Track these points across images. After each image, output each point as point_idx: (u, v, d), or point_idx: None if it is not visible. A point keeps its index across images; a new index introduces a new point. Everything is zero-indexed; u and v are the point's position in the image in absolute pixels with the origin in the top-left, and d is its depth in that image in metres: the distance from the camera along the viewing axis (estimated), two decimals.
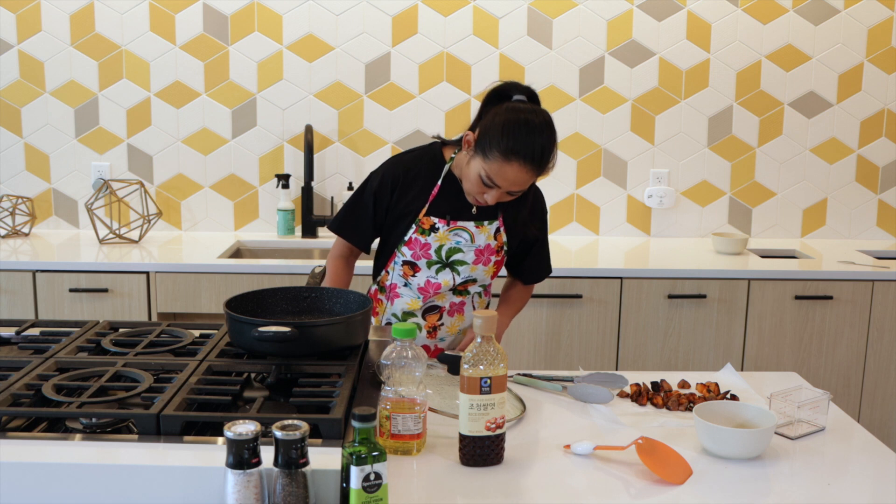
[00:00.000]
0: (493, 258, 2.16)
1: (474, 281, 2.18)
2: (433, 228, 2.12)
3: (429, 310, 2.18)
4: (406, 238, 2.13)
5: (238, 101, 3.62)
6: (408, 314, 2.19)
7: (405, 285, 2.18)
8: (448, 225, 2.11)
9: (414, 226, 2.12)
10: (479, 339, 1.55)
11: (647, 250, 3.54)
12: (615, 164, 3.70)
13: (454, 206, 2.11)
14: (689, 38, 3.62)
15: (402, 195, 2.13)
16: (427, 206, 2.11)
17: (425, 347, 2.22)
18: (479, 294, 2.23)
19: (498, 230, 2.14)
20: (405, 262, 2.16)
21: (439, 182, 2.12)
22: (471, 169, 1.99)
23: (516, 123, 1.91)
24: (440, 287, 2.15)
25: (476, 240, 2.12)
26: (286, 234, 3.63)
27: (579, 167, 3.69)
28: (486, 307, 2.29)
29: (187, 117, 3.62)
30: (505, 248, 2.18)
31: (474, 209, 2.12)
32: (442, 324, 2.19)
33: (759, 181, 3.74)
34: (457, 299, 2.19)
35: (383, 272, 2.22)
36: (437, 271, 2.14)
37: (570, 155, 3.68)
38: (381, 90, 3.62)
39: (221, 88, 3.61)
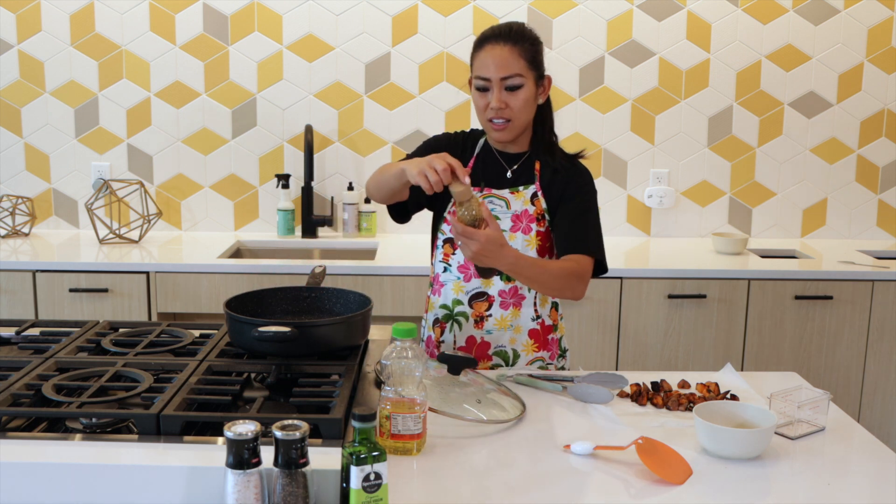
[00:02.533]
0: (534, 226, 2.07)
1: None
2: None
3: (475, 296, 2.10)
4: (446, 213, 2.12)
5: (238, 101, 3.62)
6: (456, 302, 2.11)
7: (446, 270, 2.13)
8: (482, 192, 2.09)
9: (453, 199, 2.10)
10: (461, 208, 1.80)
11: (647, 250, 3.54)
12: (615, 164, 3.70)
13: (490, 174, 2.11)
14: (689, 38, 3.62)
15: None
16: None
17: (471, 339, 2.11)
18: None
19: (535, 195, 2.08)
20: (446, 241, 2.12)
21: (475, 152, 2.14)
22: (473, 94, 2.06)
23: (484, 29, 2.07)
24: None
25: (512, 206, 2.08)
26: (286, 234, 3.63)
27: None
28: (555, 309, 2.17)
29: (187, 117, 3.63)
30: (546, 216, 2.08)
31: (509, 173, 2.10)
32: (490, 315, 2.09)
33: (759, 181, 3.74)
34: (506, 286, 2.08)
35: (430, 268, 2.20)
36: None
37: None
38: (381, 90, 3.62)
39: (221, 88, 3.61)
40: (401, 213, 2.20)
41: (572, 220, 2.06)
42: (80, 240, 3.54)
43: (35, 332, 2.00)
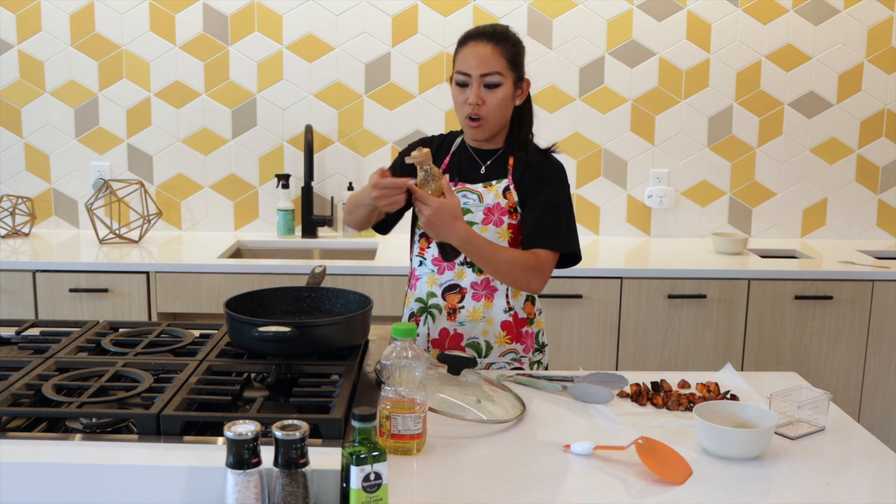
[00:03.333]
0: (506, 219, 2.10)
1: None
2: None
3: (448, 289, 2.13)
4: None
5: (238, 101, 3.62)
6: (430, 294, 2.14)
7: (421, 264, 2.17)
8: (456, 185, 2.13)
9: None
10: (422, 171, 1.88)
11: (647, 250, 3.54)
12: (615, 164, 3.70)
13: (465, 170, 2.15)
14: (689, 38, 3.62)
15: None
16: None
17: (444, 331, 2.14)
18: None
19: (507, 189, 2.11)
20: (421, 235, 2.16)
21: (452, 150, 2.19)
22: (453, 90, 2.10)
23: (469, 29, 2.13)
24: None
25: (484, 199, 2.11)
26: (286, 234, 3.63)
27: (579, 167, 3.69)
28: (531, 303, 2.19)
29: (187, 117, 3.63)
30: (518, 209, 2.12)
31: (483, 168, 2.13)
32: (462, 307, 2.12)
33: (759, 181, 3.74)
34: (478, 278, 2.11)
35: (409, 264, 2.24)
36: None
37: (570, 155, 3.68)
38: (381, 90, 3.62)
39: (221, 88, 3.61)
40: (381, 227, 2.29)
41: (539, 214, 2.10)
42: (80, 240, 3.54)
43: (35, 332, 2.00)
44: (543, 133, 3.65)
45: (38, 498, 1.34)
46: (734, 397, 1.88)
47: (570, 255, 2.13)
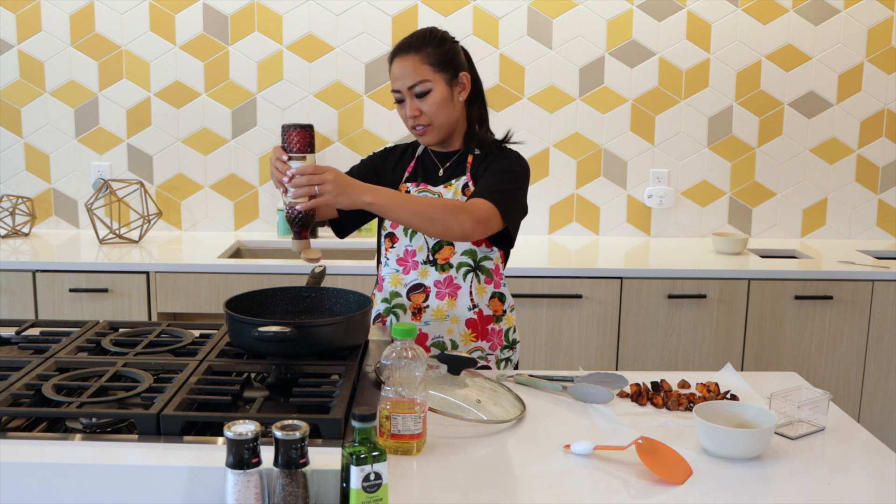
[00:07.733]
0: None
1: (451, 248, 2.12)
2: (406, 193, 2.13)
3: (413, 288, 2.14)
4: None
5: (238, 101, 3.62)
6: (395, 294, 2.16)
7: (386, 264, 2.18)
8: (418, 186, 2.16)
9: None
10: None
11: (647, 250, 3.54)
12: (615, 164, 3.70)
13: (427, 174, 2.19)
14: (689, 38, 3.62)
15: (384, 172, 2.22)
16: (405, 176, 2.20)
17: None
18: (473, 273, 2.13)
19: (466, 185, 2.13)
20: (387, 236, 2.18)
21: (416, 155, 2.22)
22: (396, 106, 2.15)
23: None
24: (416, 254, 2.13)
25: (444, 198, 2.11)
26: (286, 234, 3.63)
27: (579, 167, 3.69)
28: (499, 301, 2.19)
29: (187, 117, 3.63)
30: None
31: (441, 171, 2.17)
32: (427, 306, 2.13)
33: (759, 181, 3.74)
34: (441, 276, 2.12)
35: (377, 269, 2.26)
36: (412, 236, 2.14)
37: (570, 155, 3.68)
38: (382, 90, 3.62)
39: (221, 88, 3.61)
40: (337, 228, 2.27)
41: (485, 177, 2.08)
42: (80, 240, 3.54)
43: (35, 332, 2.00)
44: (543, 133, 3.67)
45: (38, 498, 1.34)
46: (734, 397, 1.88)
47: (506, 235, 2.08)
